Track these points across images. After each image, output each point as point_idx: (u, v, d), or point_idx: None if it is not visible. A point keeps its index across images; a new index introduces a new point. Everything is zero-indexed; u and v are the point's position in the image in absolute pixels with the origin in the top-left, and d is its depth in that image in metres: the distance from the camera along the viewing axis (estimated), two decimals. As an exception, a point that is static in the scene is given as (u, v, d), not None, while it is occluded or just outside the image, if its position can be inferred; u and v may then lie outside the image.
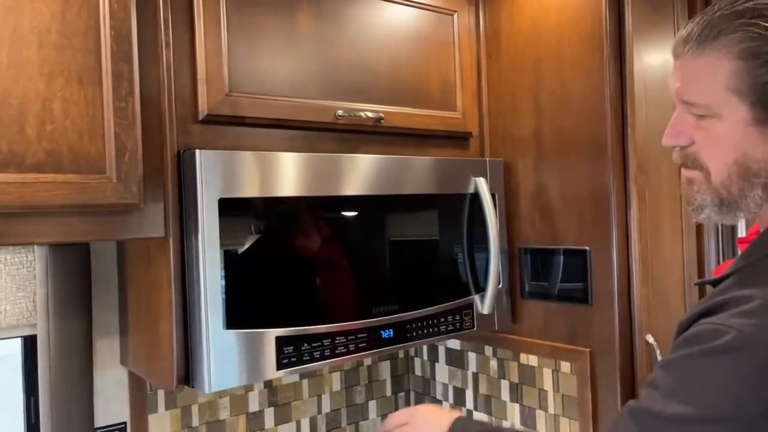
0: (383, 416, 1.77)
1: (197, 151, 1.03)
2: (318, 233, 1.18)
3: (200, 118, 1.10)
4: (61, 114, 0.95)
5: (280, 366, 1.10)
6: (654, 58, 1.38)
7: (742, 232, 1.52)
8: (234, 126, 1.15)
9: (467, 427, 0.97)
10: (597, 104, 1.31)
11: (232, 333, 1.05)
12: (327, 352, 1.16)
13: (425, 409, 1.04)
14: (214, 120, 1.12)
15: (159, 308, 1.11)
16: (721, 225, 1.52)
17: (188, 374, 1.07)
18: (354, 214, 1.24)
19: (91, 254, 1.30)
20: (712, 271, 0.83)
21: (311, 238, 1.17)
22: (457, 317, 1.37)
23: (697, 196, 0.78)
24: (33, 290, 1.21)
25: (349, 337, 1.19)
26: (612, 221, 1.30)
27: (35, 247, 1.19)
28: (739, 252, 0.84)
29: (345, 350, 1.18)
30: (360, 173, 1.22)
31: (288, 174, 1.12)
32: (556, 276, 1.41)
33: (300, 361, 1.12)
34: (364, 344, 1.21)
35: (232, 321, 1.05)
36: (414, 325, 1.30)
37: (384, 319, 1.25)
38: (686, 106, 0.76)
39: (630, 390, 1.30)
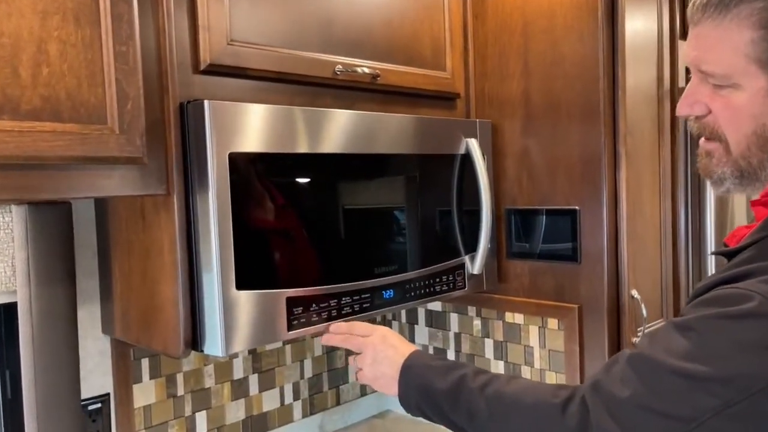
0: (362, 379, 1.77)
1: (206, 102, 0.96)
2: (325, 192, 1.14)
3: (202, 68, 1.03)
4: (58, 56, 0.87)
5: (290, 327, 1.07)
6: (640, 24, 1.41)
7: (710, 196, 1.61)
8: (236, 78, 1.08)
9: (422, 361, 0.94)
10: (590, 67, 1.33)
11: (244, 294, 1.00)
12: (334, 313, 1.14)
13: (386, 333, 1.02)
14: (215, 71, 1.05)
15: (159, 271, 1.04)
16: (690, 186, 1.61)
17: (195, 338, 1.02)
18: (360, 173, 1.21)
19: (69, 216, 1.20)
20: (724, 239, 0.84)
21: (320, 196, 1.13)
22: (450, 277, 1.38)
23: (717, 169, 0.76)
24: (11, 254, 1.11)
25: (354, 297, 1.17)
26: (603, 182, 1.33)
27: (13, 207, 1.08)
28: (754, 214, 0.86)
29: (350, 310, 1.17)
30: (371, 131, 1.19)
31: (301, 129, 1.08)
32: (544, 235, 1.44)
33: (309, 322, 1.10)
34: (368, 304, 1.20)
35: (244, 282, 1.00)
36: (412, 285, 1.29)
37: (385, 280, 1.23)
38: (703, 75, 0.74)
39: (616, 341, 1.36)
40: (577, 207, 1.38)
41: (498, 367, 1.57)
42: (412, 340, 1.77)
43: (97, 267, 1.25)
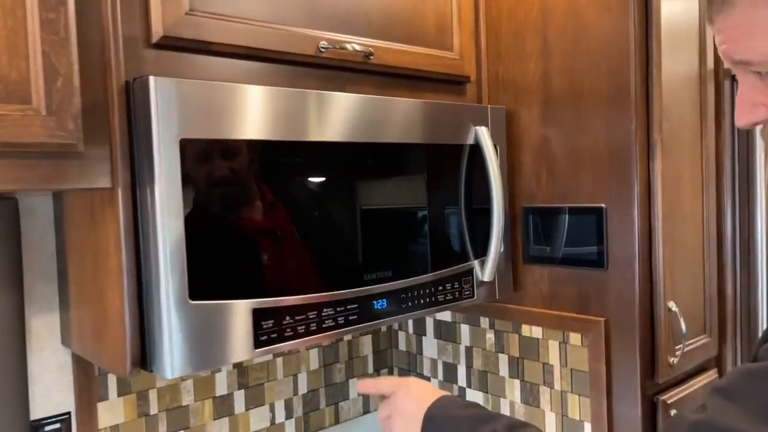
0: (364, 395, 1.61)
1: (151, 78, 0.82)
2: (302, 186, 0.99)
3: (154, 40, 0.88)
4: (-31, 23, 0.73)
5: (258, 344, 0.91)
6: (678, -9, 1.22)
7: (761, 191, 1.40)
8: (197, 54, 0.93)
9: (446, 412, 0.81)
10: (619, 42, 1.15)
11: (199, 305, 0.85)
12: (313, 327, 0.98)
13: (411, 384, 0.89)
14: (171, 45, 0.90)
15: (107, 276, 0.90)
16: (738, 180, 1.40)
17: (145, 356, 0.87)
18: (344, 164, 1.05)
19: (21, 213, 1.08)
20: None
21: (295, 191, 0.98)
22: (456, 285, 1.21)
23: None
24: (-54, 256, 0.98)
25: (338, 309, 1.01)
26: (633, 175, 1.14)
27: (-53, 202, 0.96)
28: None
29: (334, 324, 1.01)
30: (355, 115, 1.03)
31: (271, 112, 0.92)
32: (565, 237, 1.26)
33: (282, 338, 0.94)
34: (355, 317, 1.04)
35: (198, 291, 0.85)
36: (410, 295, 1.12)
37: (377, 288, 1.07)
38: (745, 69, 0.61)
39: (650, 361, 1.17)
40: (603, 205, 1.19)
41: (513, 387, 1.39)
42: (419, 352, 1.60)
43: (56, 271, 1.12)
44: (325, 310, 0.99)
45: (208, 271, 0.86)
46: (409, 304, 1.13)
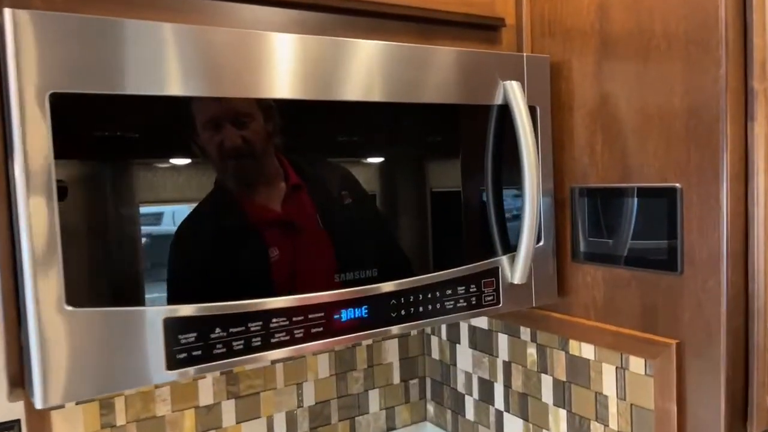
0: (388, 409, 1.37)
1: (6, 11, 0.61)
2: (237, 150, 0.75)
3: (40, -32, 0.69)
4: None
5: (173, 364, 0.70)
6: None
7: None
8: (103, -14, 0.73)
9: None
10: (702, -50, 0.81)
11: (80, 313, 0.65)
12: (256, 341, 0.75)
13: None
14: (65, -27, 0.70)
15: None
16: None
17: (23, 375, 0.69)
18: (309, 125, 0.80)
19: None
20: None
21: (224, 162, 0.75)
22: (473, 288, 0.93)
23: None
24: None
25: (295, 319, 0.78)
26: (722, 142, 0.81)
27: None
28: None
29: (287, 338, 0.77)
30: (323, 64, 0.78)
31: (187, 58, 0.69)
32: (627, 228, 0.94)
33: (209, 356, 0.72)
34: (320, 329, 0.80)
35: (83, 294, 0.65)
36: (402, 300, 0.87)
37: (352, 292, 0.82)
38: None
39: (742, 402, 0.84)
40: (677, 184, 0.86)
41: (558, 418, 1.09)
42: (453, 363, 1.34)
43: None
44: (274, 320, 0.76)
45: (95, 269, 0.65)
46: (402, 312, 0.87)
